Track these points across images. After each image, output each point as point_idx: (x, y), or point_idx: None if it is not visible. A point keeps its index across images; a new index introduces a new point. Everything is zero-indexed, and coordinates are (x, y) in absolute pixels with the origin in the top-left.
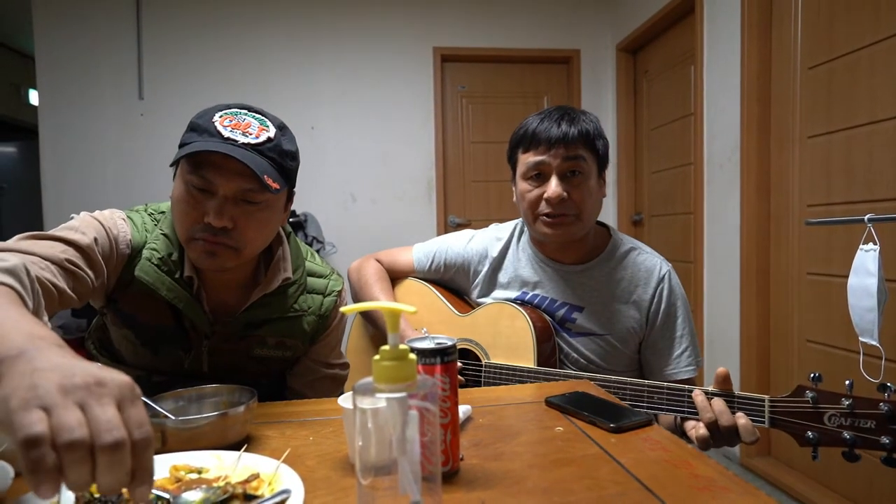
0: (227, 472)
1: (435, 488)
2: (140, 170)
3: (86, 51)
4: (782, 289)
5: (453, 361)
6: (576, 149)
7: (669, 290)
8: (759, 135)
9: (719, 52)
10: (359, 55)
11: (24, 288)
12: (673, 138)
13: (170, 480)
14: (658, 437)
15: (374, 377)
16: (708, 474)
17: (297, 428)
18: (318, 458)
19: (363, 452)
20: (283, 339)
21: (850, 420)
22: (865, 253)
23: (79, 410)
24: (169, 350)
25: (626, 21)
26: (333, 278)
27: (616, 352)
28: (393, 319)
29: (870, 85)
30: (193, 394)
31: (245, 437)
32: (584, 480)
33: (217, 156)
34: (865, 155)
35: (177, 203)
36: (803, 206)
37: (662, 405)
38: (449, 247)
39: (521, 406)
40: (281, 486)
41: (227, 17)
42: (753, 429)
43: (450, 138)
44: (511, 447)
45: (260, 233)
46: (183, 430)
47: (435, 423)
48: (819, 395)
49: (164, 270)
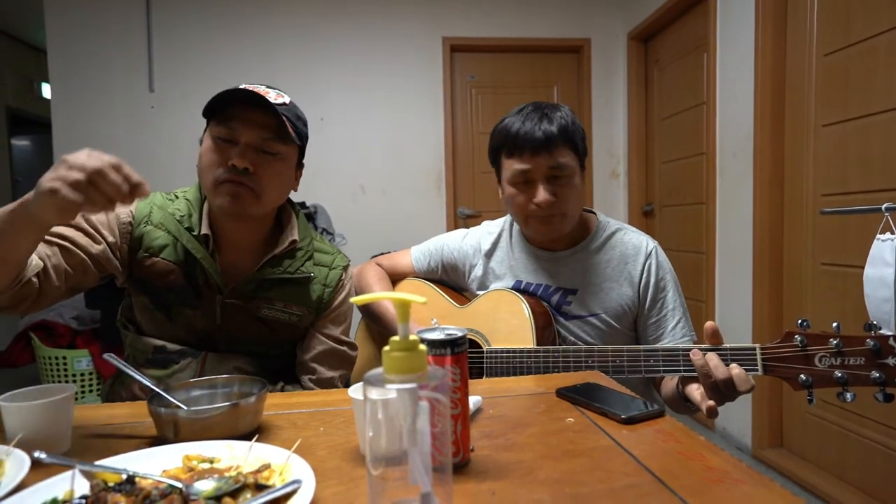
0: (239, 462)
1: (445, 479)
2: (151, 160)
3: (97, 44)
4: (796, 279)
5: (464, 352)
6: (558, 154)
7: (657, 264)
8: (772, 123)
9: (733, 40)
10: (367, 46)
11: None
12: (685, 128)
13: (182, 470)
14: (670, 428)
15: (385, 368)
16: (721, 466)
17: (307, 419)
18: (328, 449)
19: (374, 443)
20: (289, 302)
21: (839, 359)
22: (882, 243)
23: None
24: (181, 311)
25: (637, 9)
26: (339, 256)
27: (612, 330)
28: (403, 310)
29: (888, 72)
30: (205, 384)
31: (256, 427)
32: (595, 472)
33: (241, 108)
34: (883, 143)
35: (205, 153)
36: (818, 196)
37: (659, 366)
38: (445, 244)
39: (531, 397)
40: (292, 477)
41: (237, 10)
42: (748, 377)
43: (459, 129)
44: (522, 438)
45: (275, 180)
46: (195, 420)
47: (446, 414)
48: (808, 338)
49: (186, 227)
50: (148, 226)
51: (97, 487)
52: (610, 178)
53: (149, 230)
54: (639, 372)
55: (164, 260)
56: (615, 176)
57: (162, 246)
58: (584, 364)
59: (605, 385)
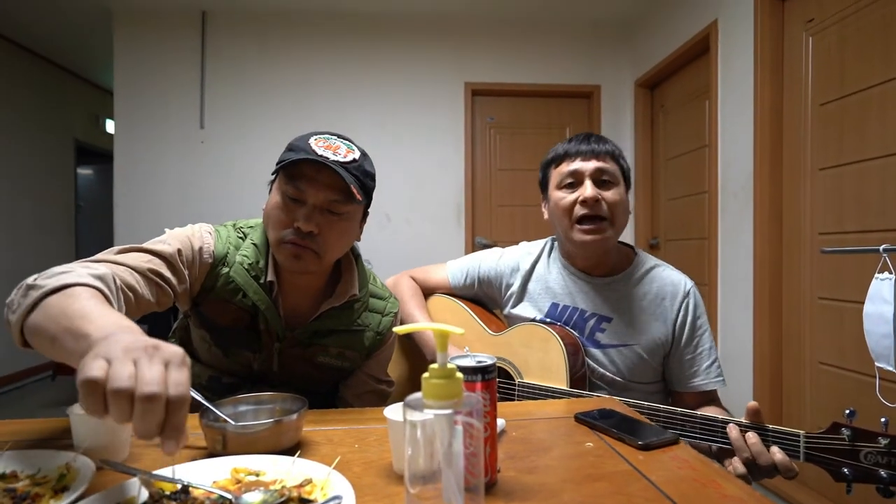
0: (283, 476)
1: (477, 499)
2: (200, 190)
3: (157, 86)
4: (794, 312)
5: (493, 379)
6: (605, 158)
7: (695, 304)
8: (771, 166)
9: (733, 89)
10: (396, 88)
11: (110, 292)
12: (688, 168)
13: (231, 481)
14: (686, 455)
15: (424, 393)
16: (736, 494)
17: (342, 436)
18: (363, 466)
19: (412, 462)
20: (343, 350)
21: (886, 458)
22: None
23: (132, 365)
24: (237, 352)
25: (644, 59)
26: (391, 301)
27: (642, 363)
28: (442, 340)
29: (882, 120)
30: (251, 401)
31: (297, 442)
32: (616, 496)
33: (310, 169)
34: (878, 186)
35: (272, 210)
36: (815, 234)
37: (695, 433)
38: (482, 262)
39: (551, 421)
40: (333, 492)
41: (279, 56)
42: (791, 464)
43: (479, 165)
44: (545, 461)
45: (339, 241)
46: (242, 434)
47: (479, 438)
48: (855, 433)
49: (252, 275)
50: (224, 268)
51: (157, 495)
52: None
53: (224, 273)
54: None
55: (232, 305)
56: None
57: (233, 292)
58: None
59: (621, 411)
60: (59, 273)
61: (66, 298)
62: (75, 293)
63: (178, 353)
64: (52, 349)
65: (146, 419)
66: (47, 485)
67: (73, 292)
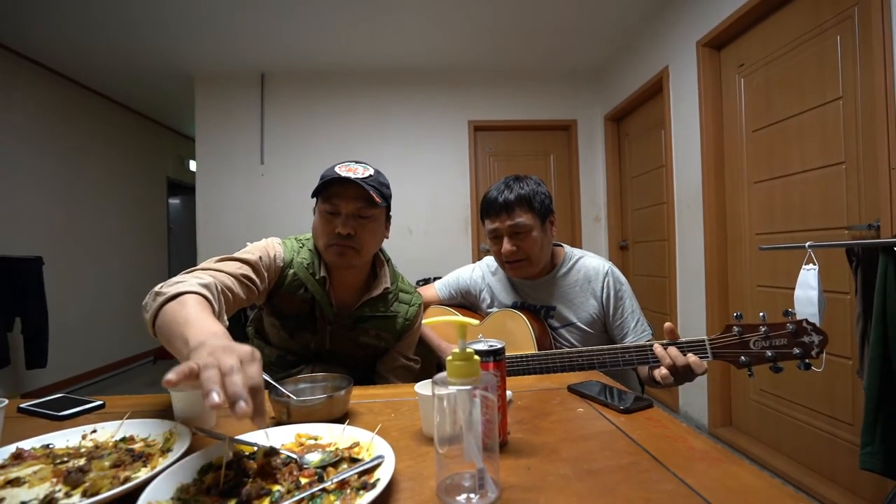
0: (336, 440)
1: (493, 456)
2: (262, 215)
3: (226, 132)
4: (738, 297)
5: (503, 360)
6: (516, 214)
7: (614, 279)
8: (716, 181)
9: (683, 120)
10: (414, 127)
11: (213, 298)
12: (649, 184)
13: (295, 444)
14: (659, 416)
15: (448, 373)
16: (702, 447)
17: (381, 407)
18: (399, 431)
19: (440, 428)
20: (380, 332)
21: (768, 341)
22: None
23: (216, 370)
24: (300, 334)
25: (611, 97)
26: (416, 295)
27: (586, 335)
28: (462, 330)
29: (800, 144)
30: (308, 380)
31: (346, 412)
32: (604, 451)
33: (339, 187)
34: (800, 195)
35: (317, 224)
36: (753, 235)
37: (633, 360)
38: (459, 277)
39: (549, 391)
40: (377, 452)
41: (321, 105)
42: (701, 362)
43: (481, 186)
44: (545, 424)
45: (372, 238)
46: (302, 407)
47: (493, 407)
48: (743, 328)
49: (310, 272)
50: (291, 269)
51: (238, 455)
52: (594, 221)
53: (291, 273)
54: (618, 365)
55: (296, 297)
56: (598, 220)
57: (297, 287)
58: (577, 362)
59: (606, 382)
60: (176, 283)
61: (178, 305)
62: (185, 301)
63: (247, 349)
64: (168, 346)
65: (233, 384)
66: (155, 446)
67: (184, 300)
